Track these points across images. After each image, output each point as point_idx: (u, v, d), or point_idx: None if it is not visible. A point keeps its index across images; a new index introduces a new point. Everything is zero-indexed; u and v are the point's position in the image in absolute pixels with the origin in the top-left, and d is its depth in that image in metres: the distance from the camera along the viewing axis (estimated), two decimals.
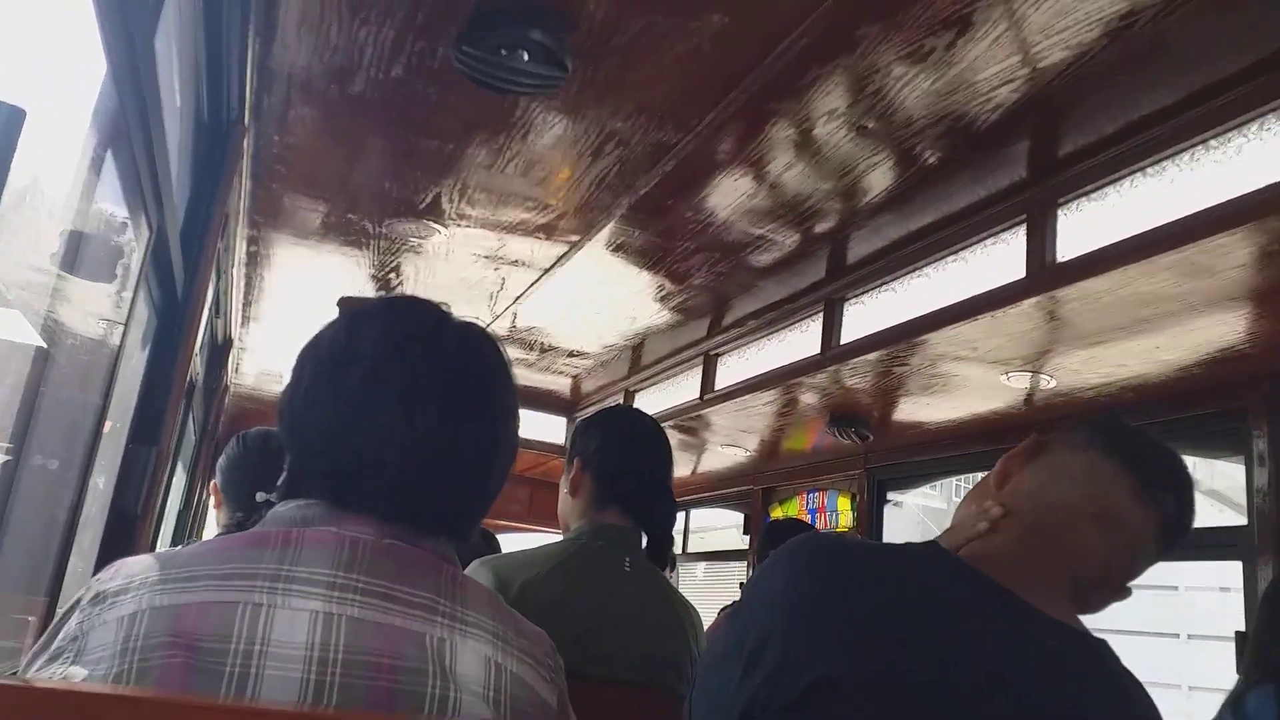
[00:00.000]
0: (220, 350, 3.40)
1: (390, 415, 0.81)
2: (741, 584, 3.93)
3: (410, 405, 0.81)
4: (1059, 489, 0.95)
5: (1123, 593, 0.96)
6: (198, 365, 2.80)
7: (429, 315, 0.90)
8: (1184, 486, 0.96)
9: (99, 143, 1.27)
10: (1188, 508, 0.96)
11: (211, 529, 2.67)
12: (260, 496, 0.88)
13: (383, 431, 0.81)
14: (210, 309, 2.71)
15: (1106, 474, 0.94)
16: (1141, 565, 0.95)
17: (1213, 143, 1.82)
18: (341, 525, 0.79)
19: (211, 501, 1.88)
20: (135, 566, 0.77)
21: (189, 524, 3.93)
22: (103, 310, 1.57)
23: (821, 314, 2.92)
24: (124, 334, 1.60)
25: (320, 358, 0.86)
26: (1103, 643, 0.91)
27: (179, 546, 0.90)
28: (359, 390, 0.82)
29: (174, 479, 3.22)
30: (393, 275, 3.02)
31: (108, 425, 1.64)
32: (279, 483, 0.86)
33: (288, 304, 3.36)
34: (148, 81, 1.21)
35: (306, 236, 2.79)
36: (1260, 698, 1.42)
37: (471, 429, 0.84)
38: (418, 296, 0.94)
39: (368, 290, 3.13)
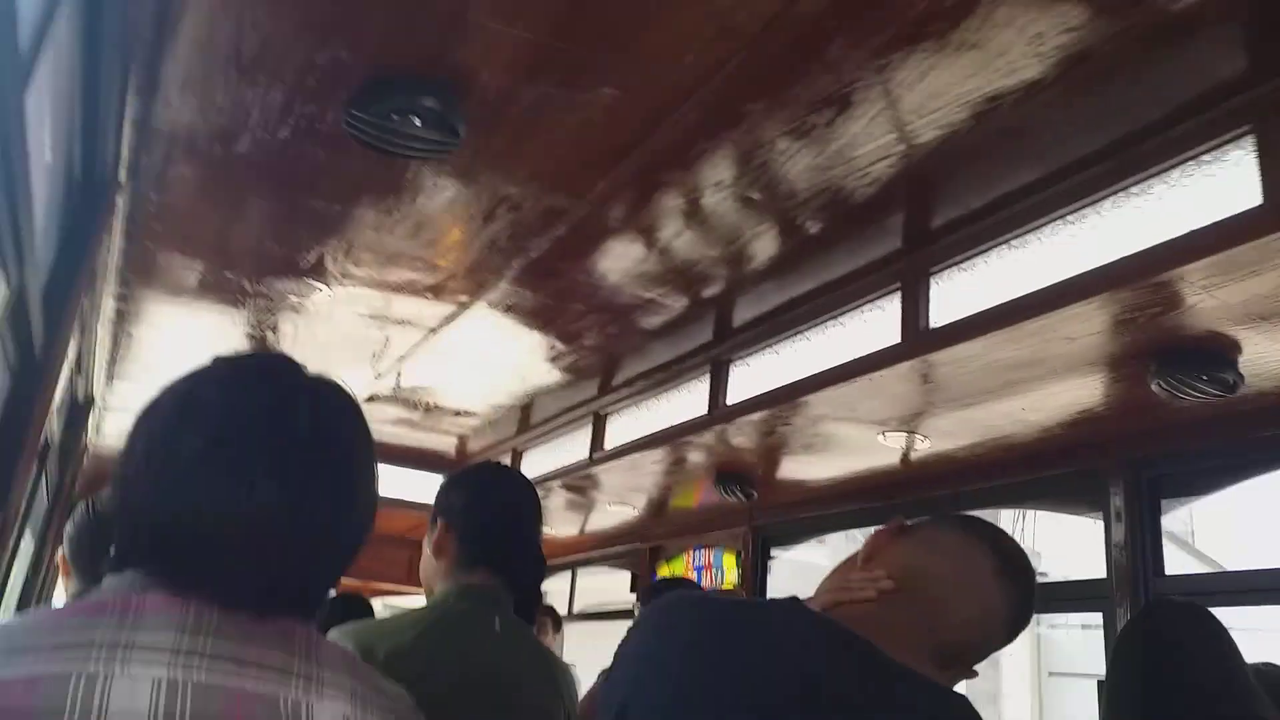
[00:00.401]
0: (80, 409, 3.21)
1: (225, 487, 0.76)
2: None
3: (249, 476, 0.76)
4: (931, 561, 1.01)
5: (971, 673, 1.02)
6: (54, 425, 2.63)
7: (278, 374, 0.85)
8: (1031, 576, 1.06)
9: None
10: (1032, 595, 1.05)
11: (61, 599, 2.49)
12: (106, 566, 0.83)
13: (217, 505, 0.76)
14: (71, 366, 2.56)
15: (973, 551, 1.02)
16: (993, 645, 1.02)
17: (1070, 218, 1.95)
18: (184, 592, 0.75)
19: (60, 571, 1.76)
20: None
21: (36, 592, 3.66)
22: None
23: (709, 375, 2.97)
24: None
25: (154, 423, 0.81)
26: (961, 697, 0.94)
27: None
28: (192, 459, 0.77)
29: (20, 546, 2.99)
30: (270, 333, 2.93)
31: None
32: (111, 553, 0.80)
33: (158, 362, 3.20)
34: (15, 137, 1.15)
35: (180, 294, 2.68)
36: None
37: (323, 492, 0.80)
38: (272, 353, 0.90)
39: (242, 348, 3.02)
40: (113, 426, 4.10)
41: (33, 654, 0.69)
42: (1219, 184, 1.68)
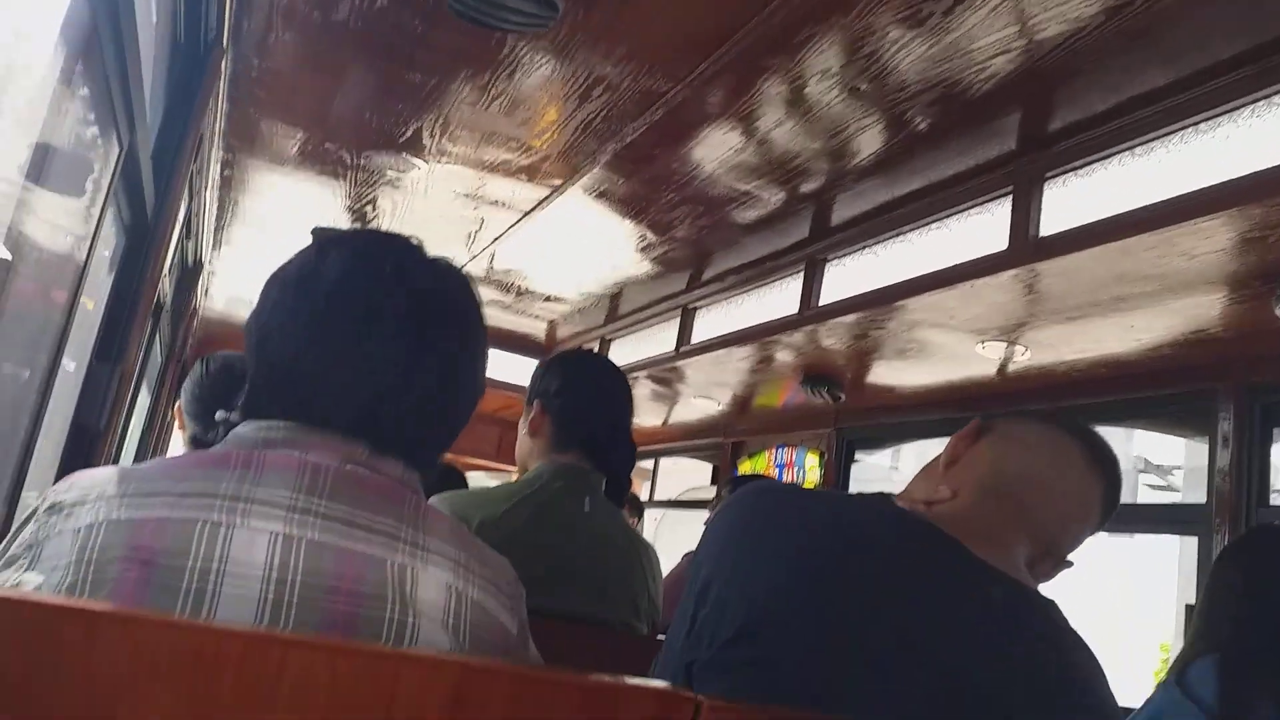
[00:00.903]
0: (190, 273, 3.34)
1: (350, 334, 0.81)
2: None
3: (370, 325, 0.81)
4: (1018, 457, 0.99)
5: (1065, 563, 1.00)
6: (166, 286, 2.75)
7: (398, 244, 0.89)
8: (1117, 463, 1.03)
9: (69, 54, 1.23)
10: (1120, 482, 1.02)
11: (175, 450, 2.65)
12: (220, 415, 0.88)
13: (343, 350, 0.81)
14: (181, 230, 2.66)
15: (1060, 443, 0.99)
16: (1086, 533, 1.00)
17: (1202, 127, 1.81)
18: (305, 450, 0.79)
19: (175, 423, 1.86)
20: (93, 479, 0.76)
21: (152, 444, 3.90)
22: (71, 225, 1.54)
23: (802, 273, 2.91)
24: (90, 251, 1.57)
25: (287, 279, 0.86)
26: (1051, 602, 0.93)
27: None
28: (321, 308, 0.82)
29: (138, 399, 3.19)
30: (369, 208, 2.97)
31: (89, 302, 1.62)
32: (240, 401, 0.85)
33: (261, 230, 3.30)
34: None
35: (283, 163, 2.74)
36: (1202, 669, 1.46)
37: (433, 356, 0.83)
38: (392, 233, 0.92)
39: (342, 222, 3.08)
40: (220, 290, 4.28)
41: (162, 498, 0.73)
42: None
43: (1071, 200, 2.07)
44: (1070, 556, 1.01)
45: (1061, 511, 0.98)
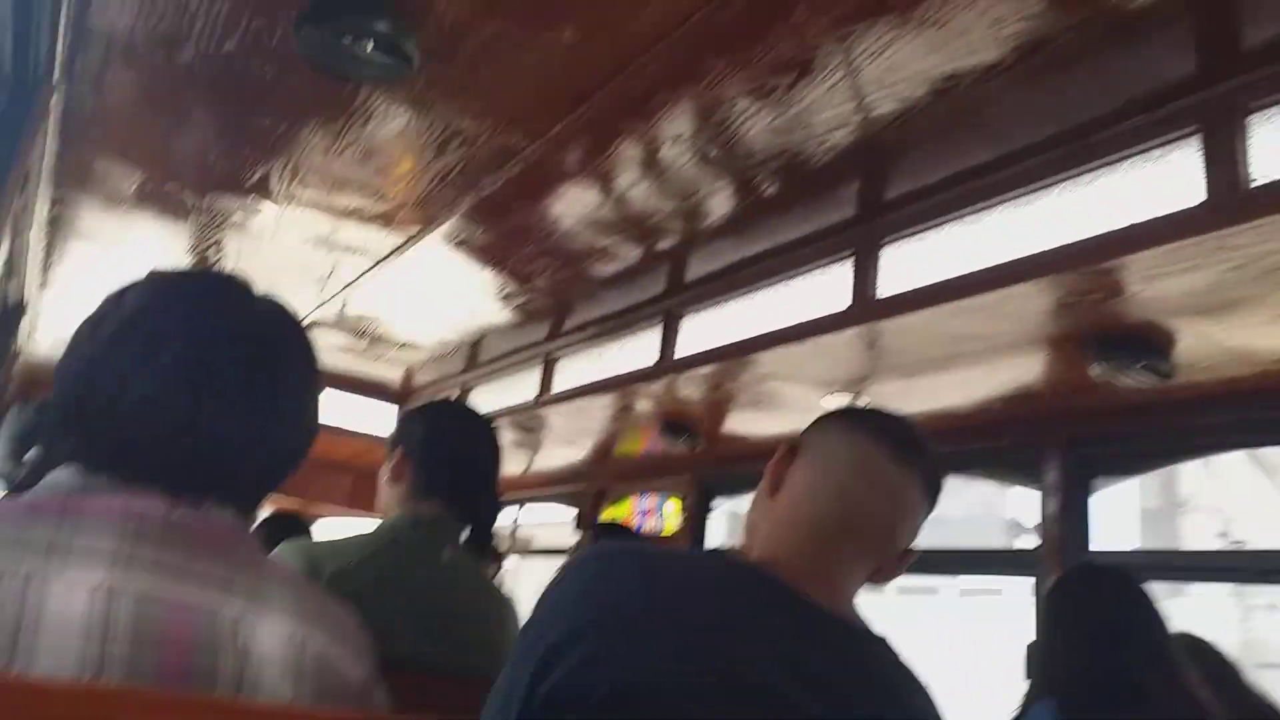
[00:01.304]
0: (12, 314, 3.12)
1: (130, 373, 0.78)
2: None
3: (182, 374, 0.78)
4: (829, 475, 1.00)
5: (911, 555, 1.03)
6: None
7: (221, 286, 0.86)
8: (926, 444, 1.04)
9: None
10: (934, 461, 1.04)
11: None
12: (29, 454, 0.82)
13: (123, 389, 0.77)
14: (3, 269, 2.48)
15: (863, 448, 1.00)
16: (918, 523, 1.02)
17: (1021, 200, 1.95)
18: (127, 497, 0.75)
19: None
20: None
21: None
22: None
23: (661, 326, 2.96)
24: None
25: (95, 323, 0.83)
26: (883, 638, 0.97)
27: None
28: (103, 347, 0.79)
29: None
30: (212, 251, 2.85)
31: None
32: (49, 444, 0.81)
33: (94, 272, 3.11)
34: None
35: (119, 203, 2.59)
36: (1041, 711, 1.52)
37: (264, 397, 0.81)
38: (208, 271, 0.89)
39: (184, 265, 2.94)
40: (47, 333, 4.00)
41: None
42: (1165, 179, 1.69)
43: (908, 263, 2.19)
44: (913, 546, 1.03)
45: (884, 520, 0.99)
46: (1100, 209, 1.80)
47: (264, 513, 3.21)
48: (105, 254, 2.97)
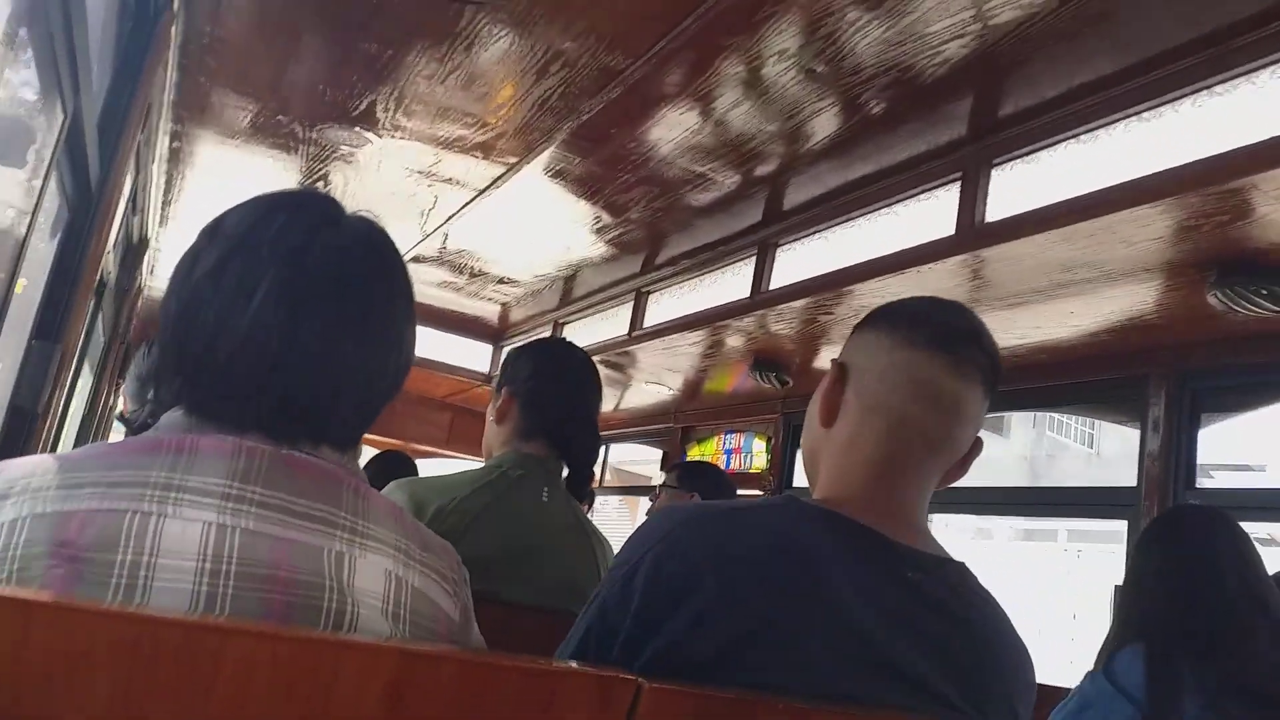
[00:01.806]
0: (135, 250, 3.26)
1: (228, 310, 0.77)
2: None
3: (250, 292, 0.77)
4: (889, 403, 0.95)
5: (978, 448, 0.99)
6: (110, 263, 2.68)
7: (306, 203, 0.84)
8: (982, 334, 0.98)
9: (12, 17, 1.19)
10: (993, 352, 0.98)
11: (119, 435, 2.59)
12: (150, 396, 0.84)
13: (222, 326, 0.77)
14: (127, 205, 2.59)
15: (919, 365, 0.94)
16: (982, 417, 0.98)
17: (1145, 115, 1.86)
18: (240, 433, 0.76)
19: (121, 405, 1.82)
20: (18, 470, 0.72)
21: (94, 428, 3.81)
22: (11, 197, 1.50)
23: (754, 258, 2.93)
24: (31, 223, 1.52)
25: (184, 255, 0.83)
26: (962, 565, 0.95)
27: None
28: (203, 284, 0.78)
29: (79, 381, 3.10)
30: (321, 183, 2.93)
31: (21, 284, 1.57)
32: (167, 386, 0.81)
33: (210, 206, 3.20)
34: None
35: (233, 136, 2.68)
36: (1127, 658, 1.48)
37: (324, 326, 0.79)
38: (303, 191, 0.88)
39: None
40: (166, 269, 4.16)
41: (90, 489, 0.71)
42: None
43: (1018, 186, 2.12)
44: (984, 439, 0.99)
45: (949, 433, 0.95)
46: (1234, 124, 1.71)
47: (371, 453, 3.33)
48: (221, 189, 3.08)
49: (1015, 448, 18.60)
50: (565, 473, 1.63)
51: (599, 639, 0.87)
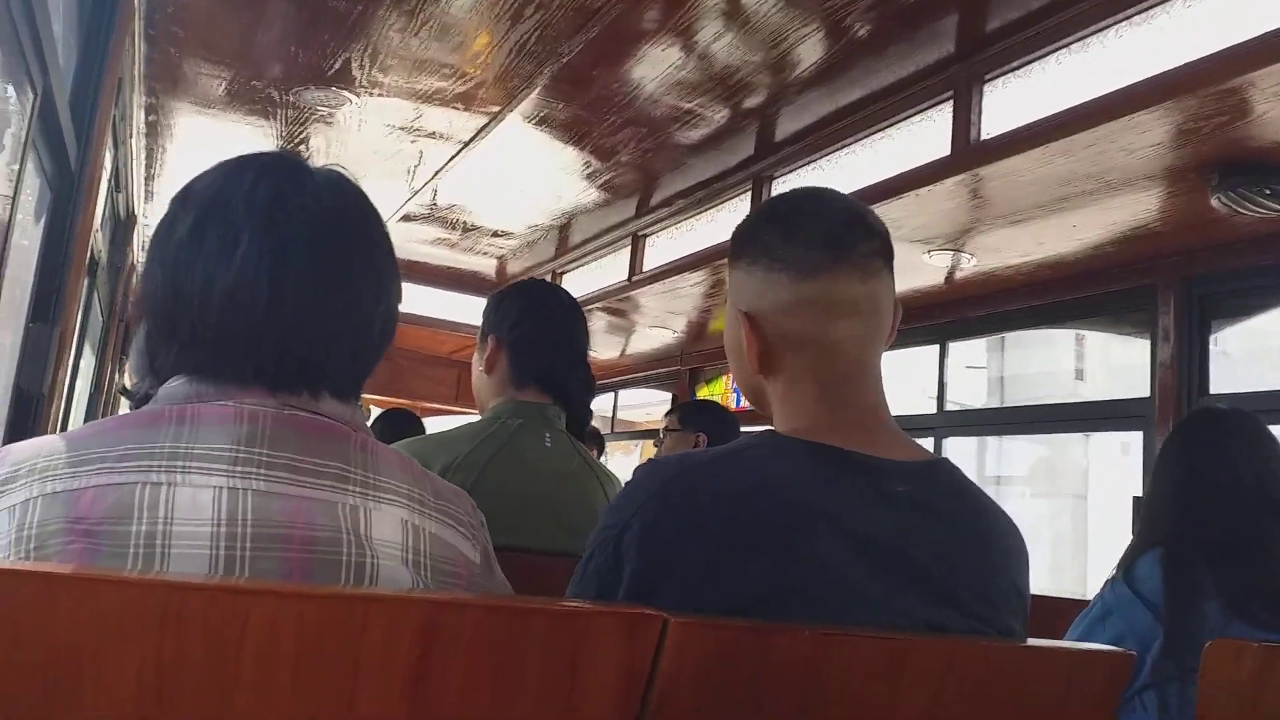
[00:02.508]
0: (124, 226, 3.24)
1: (212, 270, 0.76)
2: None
3: (228, 257, 0.76)
4: (811, 334, 0.93)
5: (899, 313, 0.97)
6: (100, 241, 2.66)
7: (273, 161, 0.84)
8: (864, 215, 0.95)
9: None
10: (880, 229, 0.95)
11: (127, 409, 2.59)
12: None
13: (208, 287, 0.76)
14: (110, 182, 2.56)
15: (825, 288, 0.92)
16: (893, 290, 0.96)
17: (1136, 19, 1.82)
18: (239, 398, 0.76)
19: (126, 380, 1.81)
20: (22, 453, 0.73)
21: (101, 405, 3.82)
22: None
23: (750, 192, 2.90)
24: (13, 207, 1.50)
25: (159, 224, 0.82)
26: (943, 461, 0.95)
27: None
28: (182, 249, 0.78)
29: (83, 360, 3.10)
30: (302, 147, 2.89)
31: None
32: (162, 357, 0.81)
33: (192, 177, 3.18)
34: None
35: (209, 105, 2.64)
36: (1147, 564, 1.48)
37: (298, 275, 0.78)
38: (269, 151, 0.87)
39: None
40: None
41: (97, 464, 0.71)
42: None
43: (1012, 101, 2.08)
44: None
45: (875, 322, 0.93)
46: (1226, 22, 1.66)
47: (377, 411, 3.33)
48: (203, 159, 3.02)
49: None
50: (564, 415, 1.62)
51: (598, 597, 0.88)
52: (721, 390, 4.47)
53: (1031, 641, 0.84)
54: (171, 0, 2.06)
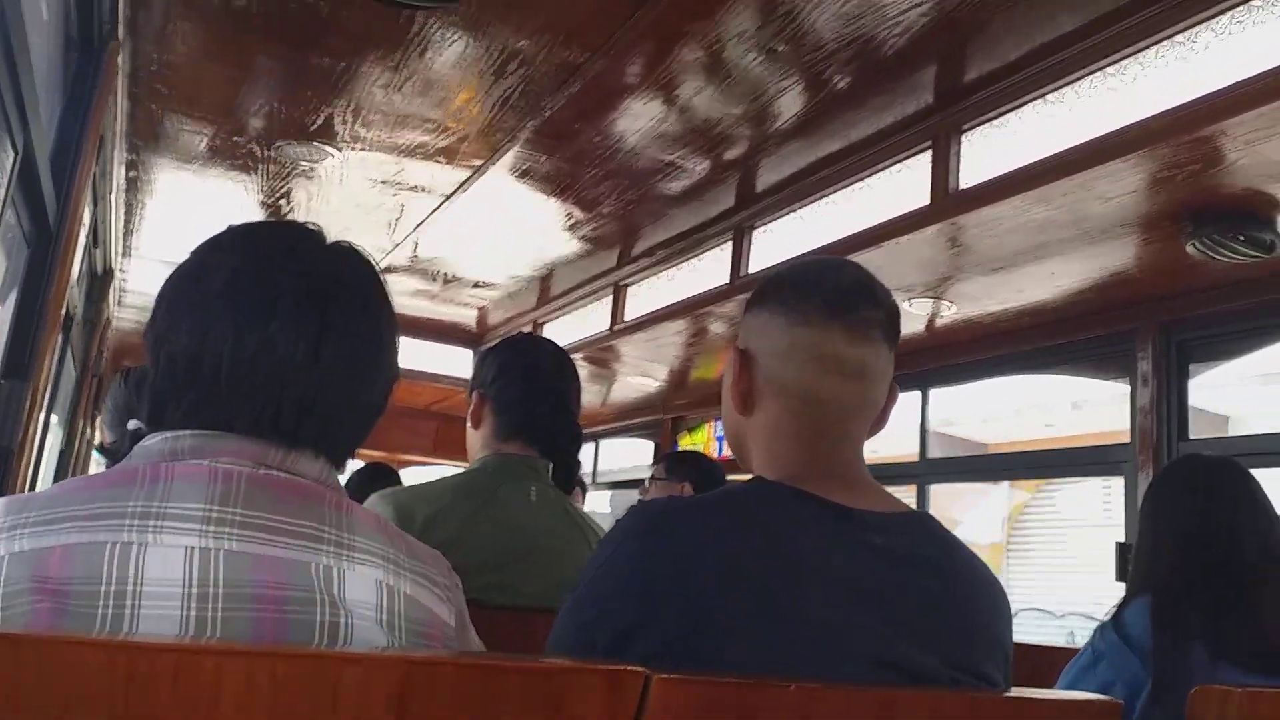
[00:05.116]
0: (100, 282, 3.22)
1: (247, 326, 0.78)
2: None
3: (267, 315, 0.79)
4: (798, 385, 0.95)
5: (895, 394, 0.99)
6: (75, 297, 2.64)
7: (293, 231, 0.87)
8: (872, 287, 0.97)
9: None
10: (887, 302, 0.97)
11: (98, 466, 2.55)
12: (131, 424, 0.83)
13: (240, 343, 0.78)
14: (88, 238, 2.55)
15: (818, 340, 0.94)
16: (890, 367, 0.98)
17: (1110, 69, 1.86)
18: (214, 457, 0.76)
19: (98, 437, 1.79)
20: None
21: (71, 462, 3.76)
22: None
23: (730, 242, 2.92)
24: None
25: (180, 278, 0.83)
26: (921, 514, 0.96)
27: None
28: (214, 304, 0.79)
29: (54, 416, 3.06)
30: (283, 201, 2.89)
31: None
32: (144, 412, 0.82)
33: (173, 233, 3.18)
34: None
35: (190, 160, 2.64)
36: (1136, 611, 1.48)
37: (338, 342, 0.81)
38: (289, 220, 0.88)
39: (257, 218, 2.99)
40: (134, 299, 4.13)
41: (67, 523, 0.70)
42: (1268, 32, 1.59)
43: (989, 151, 2.11)
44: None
45: (864, 394, 0.95)
46: (1198, 72, 1.70)
47: (354, 464, 3.29)
48: (183, 213, 3.03)
49: None
50: (551, 468, 1.60)
51: (582, 645, 0.86)
52: (704, 439, 4.46)
53: (1020, 691, 0.83)
54: (155, 59, 2.06)
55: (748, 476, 0.98)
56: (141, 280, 3.79)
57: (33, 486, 2.23)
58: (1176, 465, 1.83)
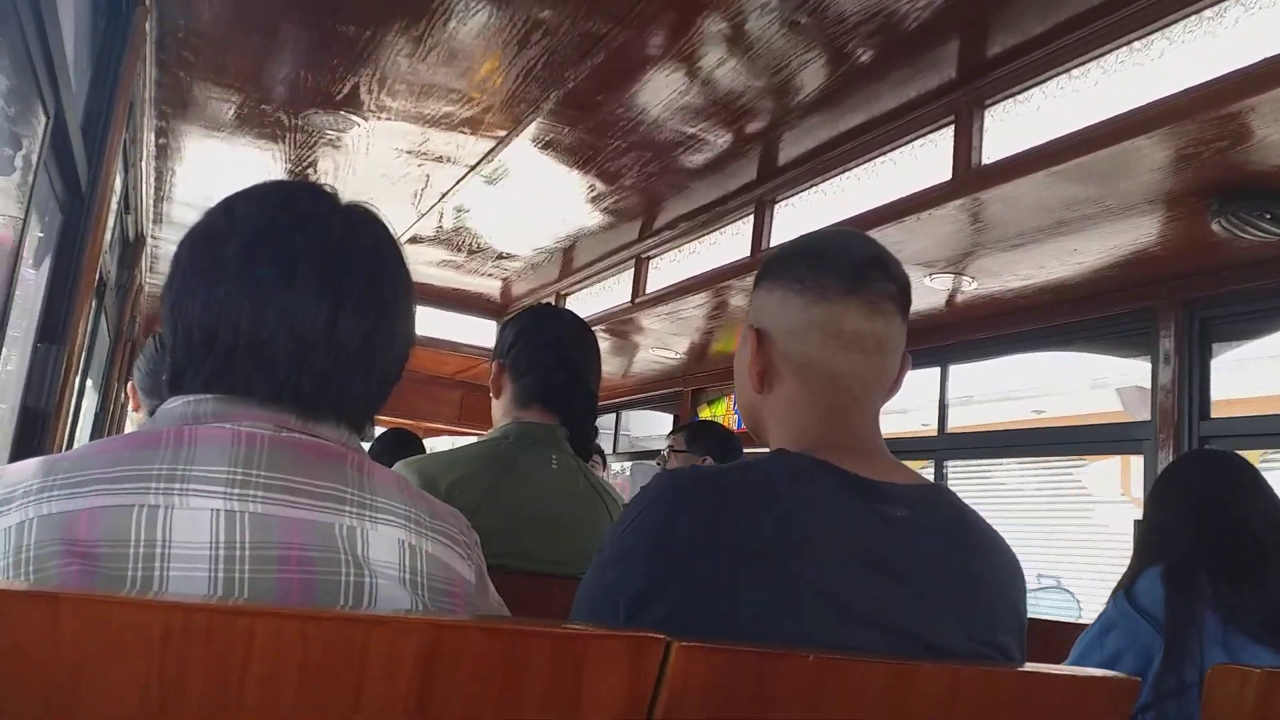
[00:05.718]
0: (132, 248, 3.26)
1: (264, 290, 0.78)
2: None
3: (284, 279, 0.78)
4: (815, 360, 0.95)
5: (907, 364, 1.00)
6: (108, 263, 2.68)
7: (310, 192, 0.86)
8: (885, 259, 0.97)
9: None
10: (899, 275, 0.97)
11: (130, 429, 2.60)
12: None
13: (258, 307, 0.78)
14: (119, 203, 2.59)
15: (835, 316, 0.94)
16: (903, 340, 0.98)
17: (1136, 45, 1.84)
18: (236, 421, 0.77)
19: (130, 403, 1.83)
20: (17, 475, 0.72)
21: (107, 425, 3.83)
22: (2, 205, 1.49)
23: (752, 216, 2.92)
24: (23, 228, 1.52)
25: (195, 240, 0.83)
26: (938, 486, 0.98)
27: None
28: (231, 267, 0.79)
29: (89, 380, 3.12)
30: (310, 170, 2.91)
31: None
32: (165, 375, 0.82)
33: (203, 200, 3.21)
34: None
35: (219, 128, 2.67)
36: (1147, 580, 1.51)
37: (355, 306, 0.80)
38: (303, 180, 0.89)
39: None
40: (164, 266, 4.16)
41: (94, 486, 0.71)
42: None
43: (1012, 126, 2.09)
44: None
45: (880, 365, 0.96)
46: (1226, 48, 1.68)
47: (378, 431, 3.33)
48: (211, 180, 3.06)
49: None
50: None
51: (604, 607, 0.88)
52: (724, 411, 4.47)
53: (1036, 666, 0.84)
54: (183, 25, 2.08)
55: (764, 450, 0.99)
56: (173, 247, 3.81)
57: (68, 448, 2.28)
58: (1184, 459, 1.89)
